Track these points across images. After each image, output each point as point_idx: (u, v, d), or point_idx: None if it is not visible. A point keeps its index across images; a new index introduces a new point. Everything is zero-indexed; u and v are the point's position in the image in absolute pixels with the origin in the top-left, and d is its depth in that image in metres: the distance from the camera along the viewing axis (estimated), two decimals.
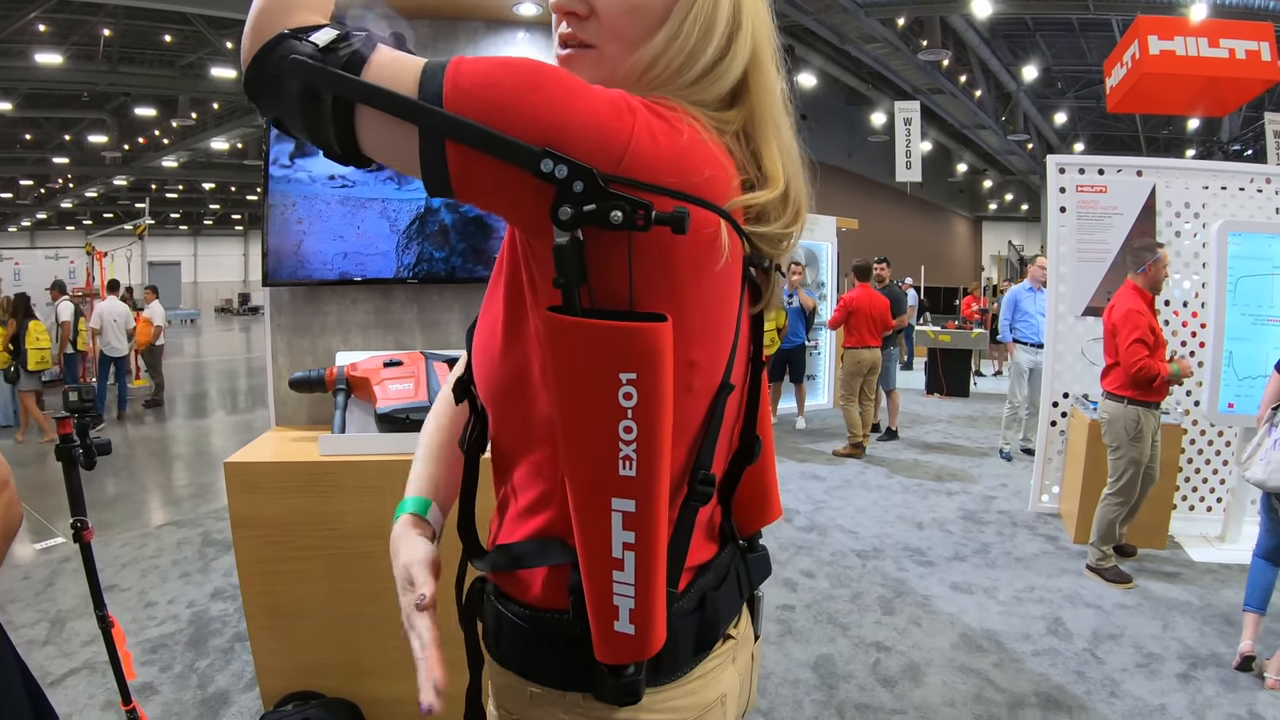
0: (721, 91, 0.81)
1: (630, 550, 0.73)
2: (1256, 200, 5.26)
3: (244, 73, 0.72)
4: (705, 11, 0.79)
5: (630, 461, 0.71)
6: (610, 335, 0.68)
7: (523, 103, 0.67)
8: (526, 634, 0.86)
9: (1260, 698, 3.16)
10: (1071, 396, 5.44)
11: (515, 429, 0.85)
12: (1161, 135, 21.02)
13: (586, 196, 0.66)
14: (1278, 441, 3.10)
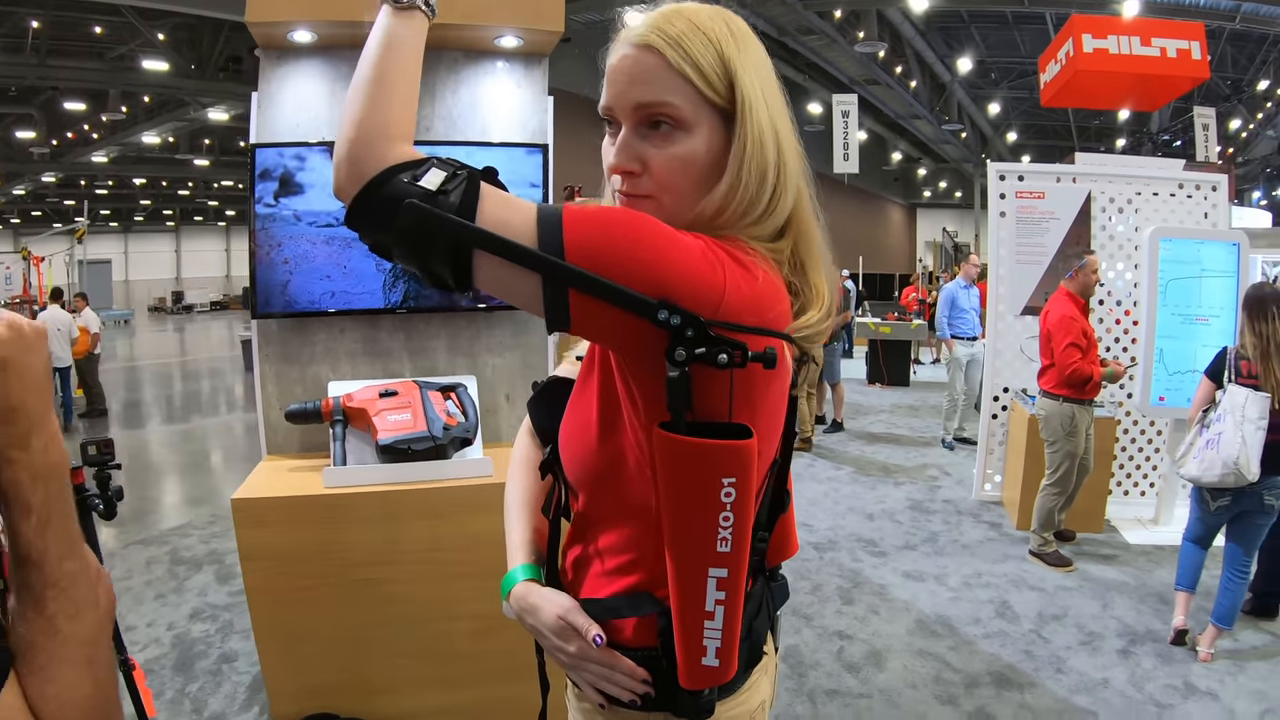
0: (777, 226, 0.94)
1: (720, 605, 0.90)
2: (1186, 205, 5.58)
3: (346, 204, 0.82)
4: (757, 160, 0.90)
5: (727, 541, 0.87)
6: (718, 451, 0.83)
7: (633, 257, 0.80)
8: None
9: (1194, 669, 3.44)
10: (1011, 391, 5.72)
11: (606, 506, 1.00)
12: (1092, 125, 21.63)
13: (697, 341, 0.79)
14: (1210, 441, 3.35)
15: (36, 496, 0.69)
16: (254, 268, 2.40)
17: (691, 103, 0.90)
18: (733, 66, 0.90)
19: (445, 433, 2.33)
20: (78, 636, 0.73)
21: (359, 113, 0.83)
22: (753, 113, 0.90)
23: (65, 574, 0.72)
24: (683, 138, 0.90)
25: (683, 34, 0.89)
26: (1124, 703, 3.16)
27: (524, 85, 2.71)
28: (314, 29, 2.37)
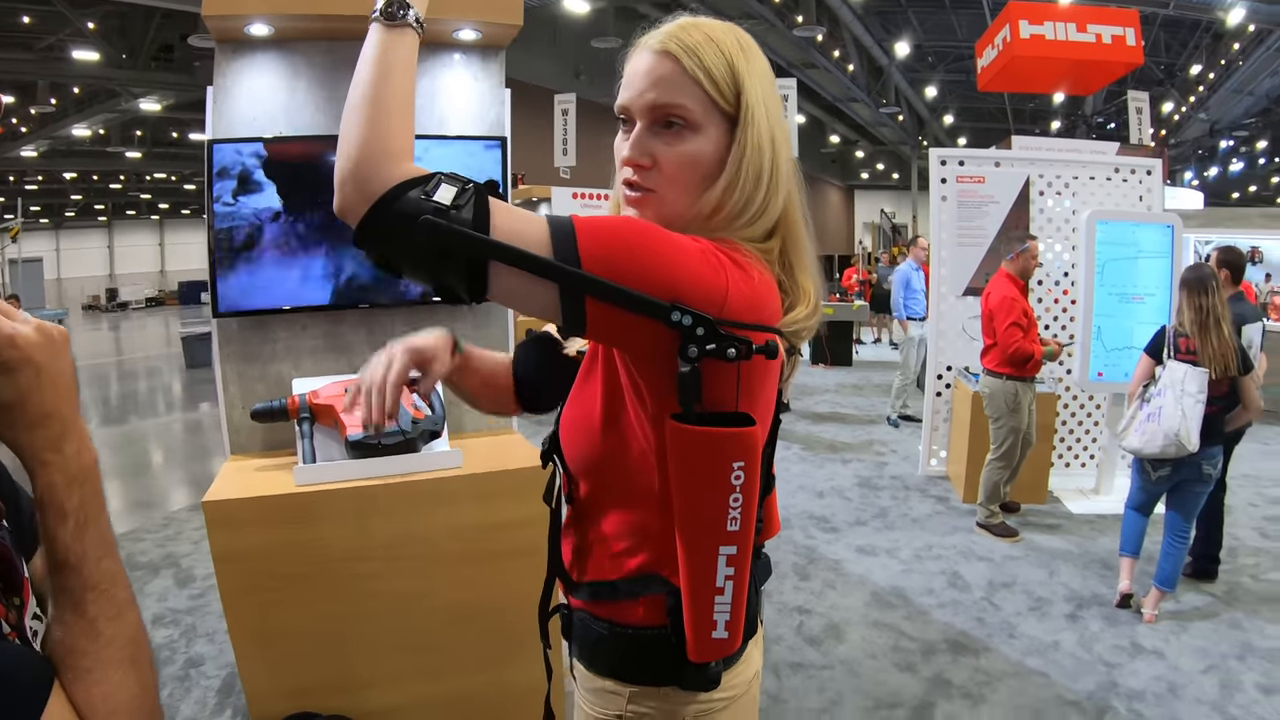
0: (767, 226, 1.01)
1: (730, 580, 0.97)
2: (1122, 189, 5.80)
3: (355, 223, 0.85)
4: (754, 162, 0.98)
5: (736, 520, 0.94)
6: (729, 438, 0.90)
7: (644, 264, 0.86)
8: (627, 647, 1.07)
9: (1139, 630, 3.61)
10: (954, 369, 5.89)
11: (609, 492, 1.06)
12: (1028, 108, 22.12)
13: (707, 338, 0.86)
14: (1151, 415, 3.51)
15: (72, 500, 0.69)
16: (213, 268, 2.37)
17: (702, 106, 0.97)
18: (741, 77, 0.98)
19: (414, 426, 2.33)
20: (121, 637, 0.73)
21: (361, 132, 0.86)
22: (754, 119, 0.98)
23: (104, 575, 0.72)
24: (691, 137, 0.98)
25: (699, 44, 0.97)
26: (1074, 663, 3.31)
27: (481, 78, 2.71)
28: (271, 22, 2.35)
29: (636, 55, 1.01)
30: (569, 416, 1.09)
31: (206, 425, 8.14)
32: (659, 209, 1.00)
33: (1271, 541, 4.78)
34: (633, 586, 1.05)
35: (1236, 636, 3.56)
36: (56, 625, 0.70)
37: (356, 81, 0.90)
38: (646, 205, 1.01)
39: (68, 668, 0.69)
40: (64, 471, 0.69)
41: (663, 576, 1.04)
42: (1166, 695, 3.09)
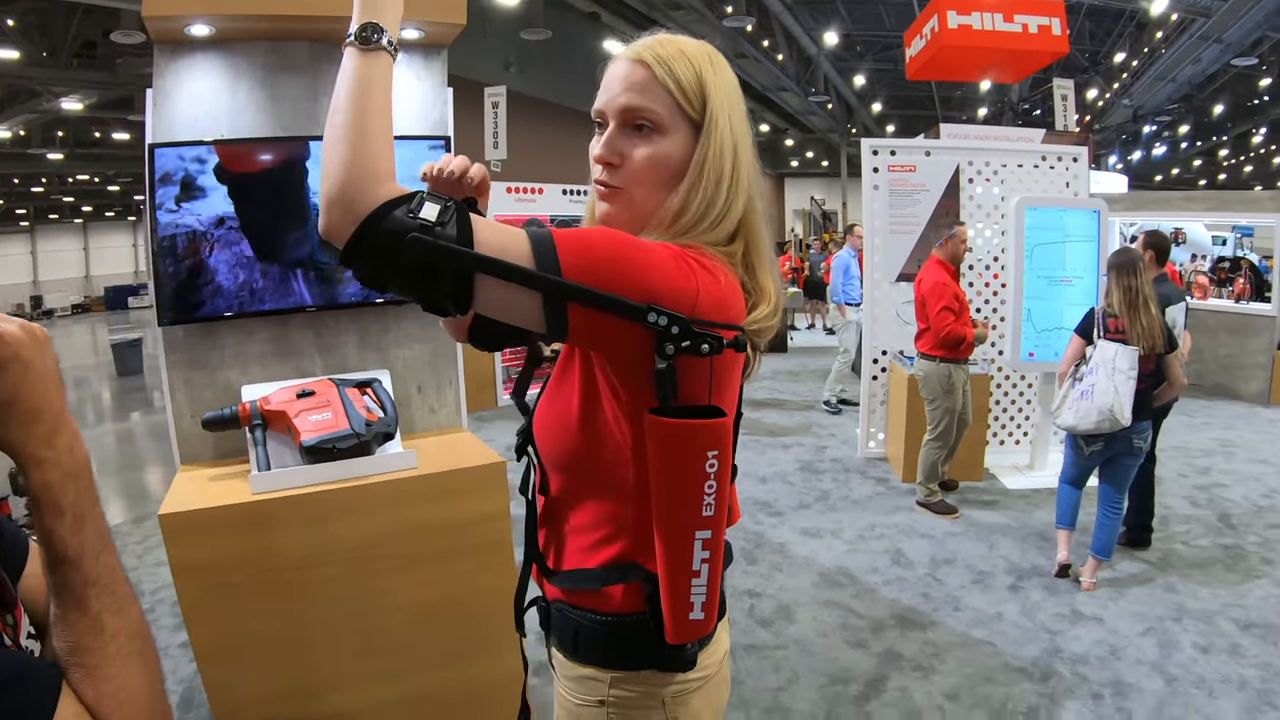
0: (729, 230, 1.07)
1: (705, 563, 1.02)
2: (1049, 176, 6.01)
3: (342, 243, 0.87)
4: (716, 167, 1.05)
5: (710, 506, 1.00)
6: (704, 429, 0.96)
7: (621, 270, 0.92)
8: (607, 634, 1.12)
9: (1079, 598, 3.78)
10: (889, 353, 6.05)
11: (585, 485, 1.11)
12: (955, 96, 22.54)
13: (681, 336, 0.92)
14: (1084, 392, 3.66)
15: (68, 496, 0.69)
16: (158, 276, 2.32)
17: (669, 111, 1.04)
18: (708, 88, 1.05)
19: (368, 429, 2.31)
20: (125, 630, 0.73)
21: (345, 154, 0.89)
22: (718, 127, 1.05)
23: (104, 570, 0.72)
24: (659, 139, 1.05)
25: (671, 56, 1.05)
26: (1018, 632, 3.45)
27: (424, 77, 2.70)
28: (211, 23, 2.30)
29: (614, 64, 1.08)
30: (545, 414, 1.13)
31: (139, 435, 7.94)
32: (627, 205, 1.07)
33: (1201, 509, 5.03)
34: (610, 574, 1.10)
35: (1172, 600, 3.75)
36: (59, 625, 0.71)
37: (336, 106, 0.92)
38: (615, 201, 1.07)
39: (75, 666, 0.69)
40: (58, 467, 0.69)
41: (639, 564, 1.09)
42: (1108, 658, 3.24)
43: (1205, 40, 14.95)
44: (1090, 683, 3.06)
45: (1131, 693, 3.00)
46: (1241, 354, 8.71)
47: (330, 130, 0.91)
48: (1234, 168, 28.05)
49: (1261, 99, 19.47)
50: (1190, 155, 26.87)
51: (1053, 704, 2.93)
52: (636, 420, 1.00)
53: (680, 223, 1.05)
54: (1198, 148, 25.31)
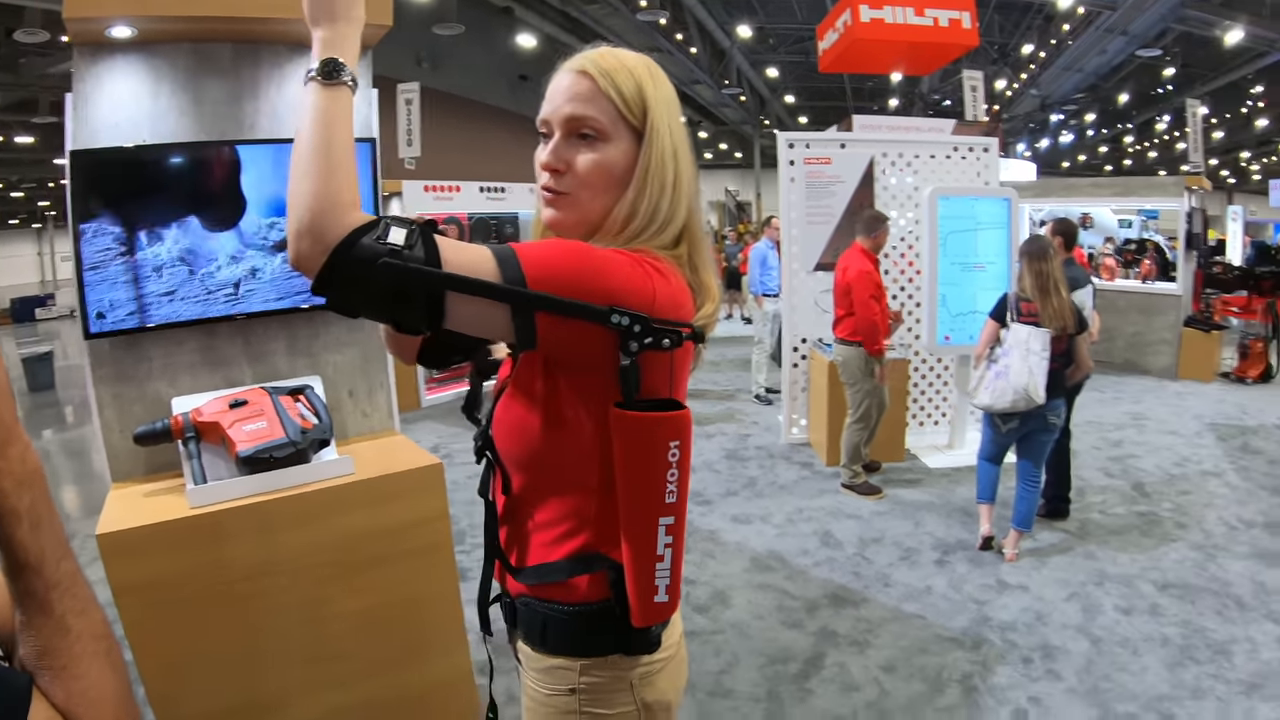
0: (675, 233, 1.14)
1: (669, 548, 1.09)
2: (961, 166, 6.22)
3: (314, 272, 0.90)
4: (658, 172, 1.11)
5: (673, 493, 1.07)
6: (666, 421, 1.03)
7: (582, 278, 0.98)
8: (576, 624, 1.16)
9: (1003, 569, 3.97)
10: (809, 341, 6.21)
11: (547, 483, 1.15)
12: (866, 87, 22.92)
13: (644, 333, 0.99)
14: (999, 373, 3.83)
15: (23, 502, 0.69)
16: (81, 286, 2.25)
17: (612, 120, 1.11)
18: (648, 98, 1.12)
19: (304, 436, 2.29)
20: (90, 631, 0.74)
21: (312, 186, 0.92)
22: (659, 135, 1.12)
23: (65, 574, 0.72)
24: (602, 146, 1.11)
25: (613, 68, 1.11)
26: (948, 604, 3.61)
27: None
28: (134, 24, 2.24)
29: (558, 76, 1.14)
30: (505, 418, 1.16)
31: (56, 452, 7.65)
32: (573, 208, 1.12)
33: (1115, 480, 5.31)
34: (575, 565, 1.15)
35: (1092, 566, 3.97)
36: (25, 631, 0.71)
37: (301, 139, 0.96)
38: (561, 206, 1.13)
39: (43, 669, 0.70)
40: (11, 475, 0.69)
41: (603, 554, 1.15)
42: (1035, 624, 3.42)
43: (1111, 32, 15.54)
44: (1020, 648, 3.23)
45: (1059, 655, 3.17)
46: (1149, 331, 9.16)
47: (297, 163, 0.94)
48: (1138, 154, 29.22)
49: (1165, 88, 20.29)
50: (1096, 142, 27.91)
51: (985, 670, 3.08)
52: (600, 417, 1.06)
53: (630, 228, 1.12)
54: (1103, 135, 26.31)
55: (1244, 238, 18.57)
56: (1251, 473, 5.47)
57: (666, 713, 1.23)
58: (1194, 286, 9.42)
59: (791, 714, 2.84)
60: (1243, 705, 2.84)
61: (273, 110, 2.55)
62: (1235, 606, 3.54)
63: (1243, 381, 8.54)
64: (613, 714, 1.18)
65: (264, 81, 2.54)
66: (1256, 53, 16.30)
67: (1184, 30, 15.48)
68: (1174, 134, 24.27)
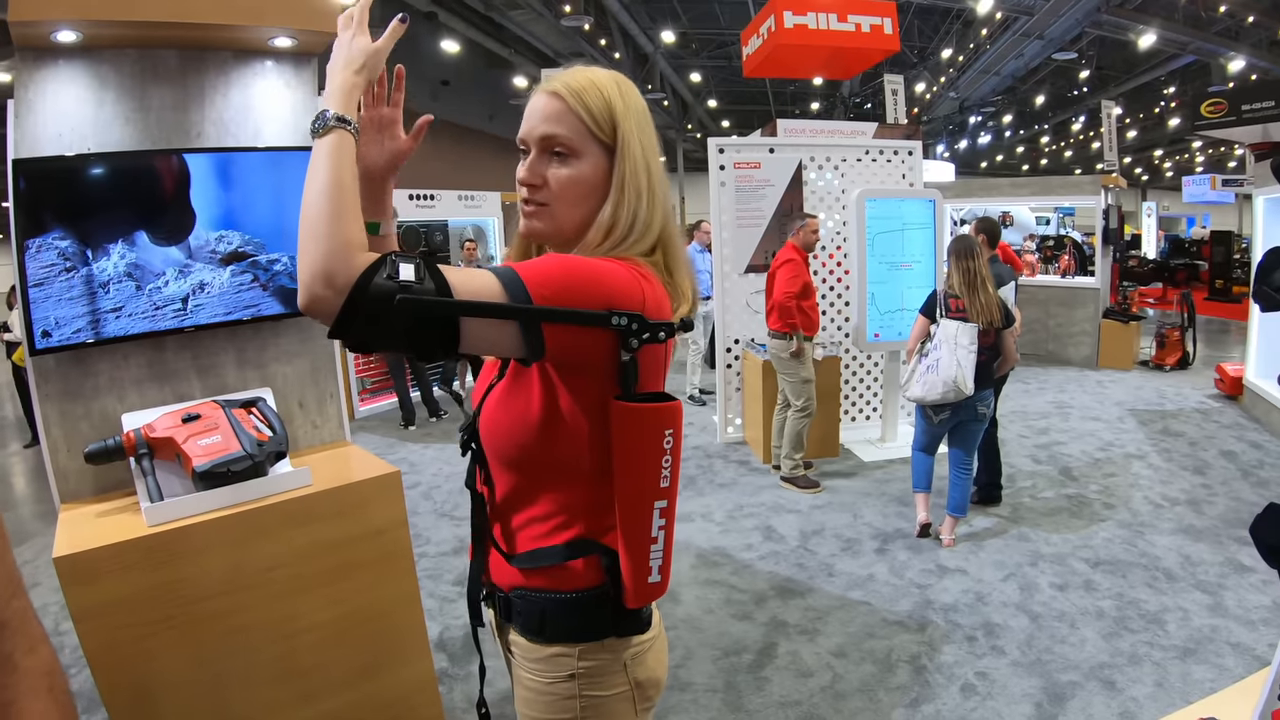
0: (652, 241, 1.21)
1: (662, 530, 1.17)
2: (887, 169, 6.42)
3: (332, 315, 0.95)
4: (632, 181, 1.19)
5: (666, 478, 1.15)
6: (663, 411, 1.12)
7: (579, 286, 1.06)
8: (573, 611, 1.22)
9: (942, 554, 4.12)
10: (741, 342, 6.34)
11: (544, 477, 1.20)
12: (788, 91, 23.29)
13: (640, 330, 1.08)
14: (930, 367, 3.99)
15: None
16: (25, 302, 2.19)
17: (581, 137, 1.18)
18: (617, 114, 1.19)
19: (260, 449, 2.26)
20: (37, 669, 0.73)
21: (326, 230, 0.97)
22: (629, 148, 1.20)
23: (15, 612, 0.71)
24: (574, 162, 1.19)
25: (583, 88, 1.19)
26: (891, 590, 3.74)
27: (294, 86, 2.66)
28: (79, 28, 2.19)
29: (534, 96, 1.22)
30: (498, 418, 1.21)
31: None
32: (550, 219, 1.20)
33: (1042, 465, 5.55)
34: (571, 551, 1.20)
35: (1026, 547, 4.15)
36: None
37: (315, 185, 1.01)
38: (540, 217, 1.21)
39: None
40: None
41: (596, 541, 1.21)
42: (976, 604, 3.57)
43: (1028, 37, 16.06)
44: (963, 627, 3.37)
45: (1001, 632, 3.33)
46: (1070, 323, 9.55)
47: (310, 209, 0.99)
48: (1055, 153, 30.26)
49: (1081, 90, 21.04)
50: (1014, 143, 28.76)
51: (932, 650, 3.21)
52: (593, 410, 1.14)
53: (613, 236, 1.19)
54: (1020, 136, 27.11)
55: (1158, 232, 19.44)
56: (1173, 454, 5.77)
57: (656, 689, 1.30)
58: (1111, 280, 9.83)
59: (750, 702, 2.92)
60: (1179, 669, 3.02)
61: (219, 118, 2.53)
62: (1165, 579, 3.75)
63: (1161, 369, 8.97)
64: (609, 695, 1.24)
65: (209, 89, 2.51)
66: (1169, 55, 17.06)
67: (1099, 34, 16.11)
68: (1089, 134, 25.20)
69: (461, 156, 17.15)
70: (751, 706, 2.89)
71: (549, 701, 1.24)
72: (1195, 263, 16.10)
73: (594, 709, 1.24)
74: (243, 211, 2.50)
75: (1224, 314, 13.38)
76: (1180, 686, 2.91)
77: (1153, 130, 24.95)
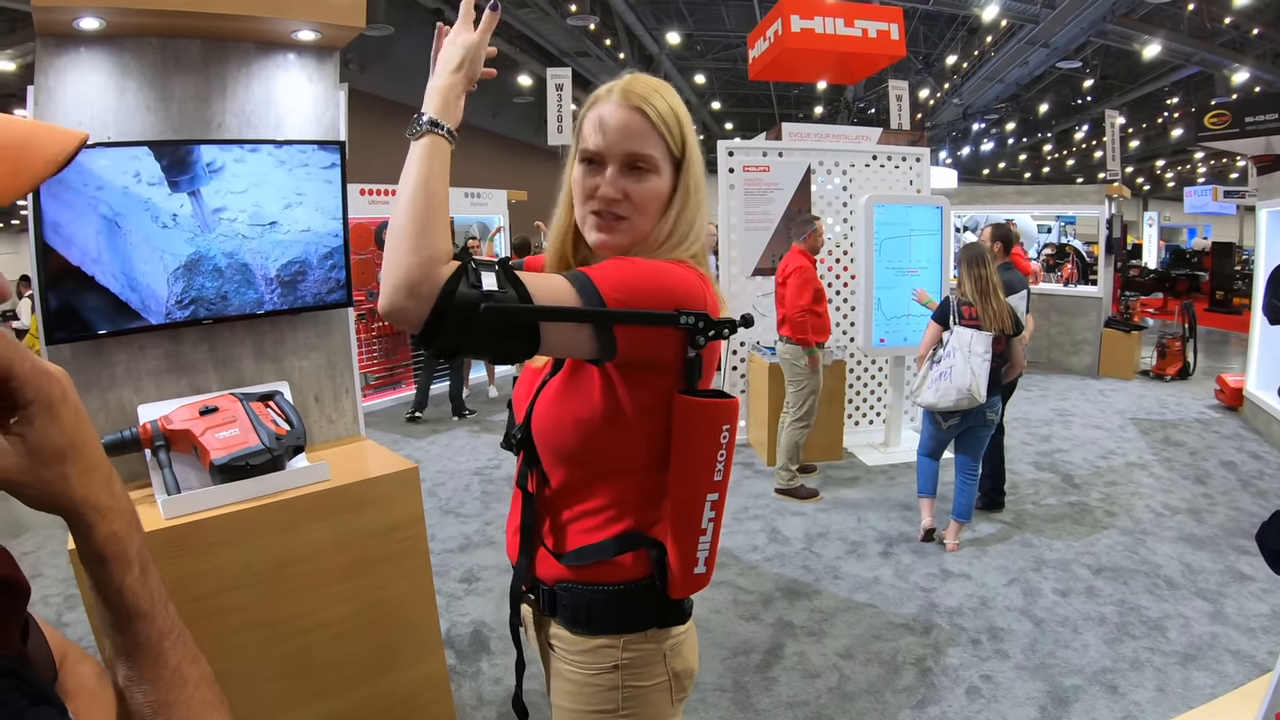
0: (700, 245, 1.27)
1: (711, 521, 1.21)
2: (894, 175, 6.43)
3: (417, 327, 0.98)
4: (695, 193, 1.26)
5: (720, 471, 1.19)
6: (722, 407, 1.16)
7: (650, 289, 1.10)
8: (620, 602, 1.25)
9: (946, 558, 4.13)
10: (748, 344, 6.34)
11: (600, 473, 1.23)
12: (792, 94, 23.30)
13: (706, 329, 1.12)
14: (942, 374, 4.00)
15: (134, 544, 0.64)
16: (44, 291, 2.18)
17: (662, 154, 1.23)
18: (686, 129, 1.25)
19: (278, 443, 2.24)
20: (205, 678, 0.70)
21: (408, 242, 0.99)
22: (694, 161, 1.26)
23: (173, 618, 0.67)
24: (654, 178, 1.23)
25: (661, 106, 1.22)
26: (896, 593, 3.74)
27: (316, 80, 2.66)
28: (103, 15, 2.18)
29: (608, 107, 1.22)
30: (555, 415, 1.22)
31: None
32: (629, 232, 1.23)
33: (1045, 472, 5.56)
34: (621, 544, 1.23)
35: (1029, 553, 4.16)
36: (138, 686, 0.65)
37: (403, 193, 1.03)
38: (618, 230, 1.23)
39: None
40: (122, 515, 0.63)
41: (645, 534, 1.23)
42: (980, 608, 3.58)
43: (1033, 44, 16.09)
44: (967, 631, 3.38)
45: (1005, 636, 3.34)
46: (1072, 332, 9.57)
47: (395, 216, 1.01)
48: (1057, 162, 30.29)
49: (1084, 98, 21.07)
50: (1016, 150, 28.82)
51: (938, 652, 3.22)
52: (650, 406, 1.17)
53: (669, 242, 1.24)
54: (1023, 143, 27.19)
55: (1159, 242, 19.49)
56: (1174, 463, 5.79)
57: (690, 679, 1.33)
58: (1113, 289, 9.85)
59: (759, 701, 2.93)
60: (1179, 674, 3.03)
61: (240, 109, 2.52)
62: (1166, 586, 3.77)
63: (1161, 379, 8.99)
64: (649, 685, 1.26)
65: (231, 80, 2.50)
66: (1173, 65, 17.09)
67: (1104, 43, 16.15)
68: (1092, 142, 25.21)
69: (467, 154, 17.02)
70: (760, 706, 2.90)
71: (591, 693, 1.26)
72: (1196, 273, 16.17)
73: (635, 699, 1.26)
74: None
75: (1224, 325, 13.44)
76: (1181, 692, 2.92)
77: (1155, 140, 24.99)
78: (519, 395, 1.34)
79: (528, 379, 1.33)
